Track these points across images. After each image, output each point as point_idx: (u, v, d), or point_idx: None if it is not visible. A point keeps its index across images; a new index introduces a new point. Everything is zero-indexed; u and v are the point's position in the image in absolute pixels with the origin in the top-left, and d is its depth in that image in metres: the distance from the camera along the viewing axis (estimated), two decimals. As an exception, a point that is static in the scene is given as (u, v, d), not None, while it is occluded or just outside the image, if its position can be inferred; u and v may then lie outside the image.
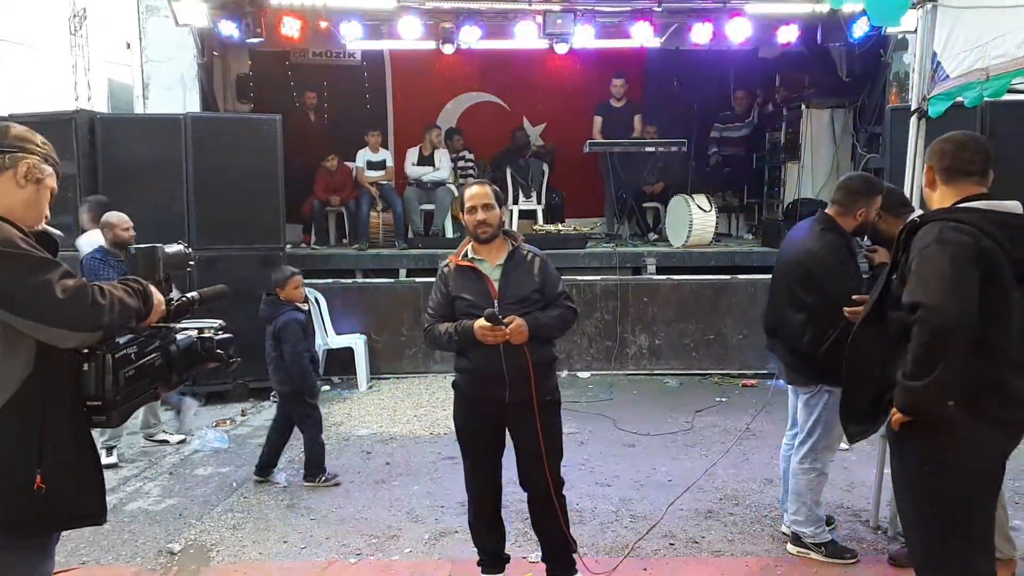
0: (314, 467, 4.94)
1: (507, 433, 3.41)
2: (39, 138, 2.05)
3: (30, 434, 1.86)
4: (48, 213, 2.08)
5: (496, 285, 3.26)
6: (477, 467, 3.46)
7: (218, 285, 2.44)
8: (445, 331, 3.27)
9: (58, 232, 2.53)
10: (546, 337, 3.31)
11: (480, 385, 3.30)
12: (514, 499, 3.79)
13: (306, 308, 4.93)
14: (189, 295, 2.25)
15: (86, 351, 1.93)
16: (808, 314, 3.62)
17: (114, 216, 5.38)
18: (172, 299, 2.17)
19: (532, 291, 3.28)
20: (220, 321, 2.35)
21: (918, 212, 3.62)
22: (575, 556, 3.50)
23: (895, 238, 3.62)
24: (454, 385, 3.45)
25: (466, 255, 3.35)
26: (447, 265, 3.40)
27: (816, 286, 3.57)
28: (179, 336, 2.22)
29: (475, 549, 3.59)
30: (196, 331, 2.27)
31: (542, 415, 3.24)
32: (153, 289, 2.07)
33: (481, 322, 3.12)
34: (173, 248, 2.27)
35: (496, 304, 3.20)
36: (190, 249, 2.36)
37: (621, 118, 9.43)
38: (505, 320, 3.11)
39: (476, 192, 3.29)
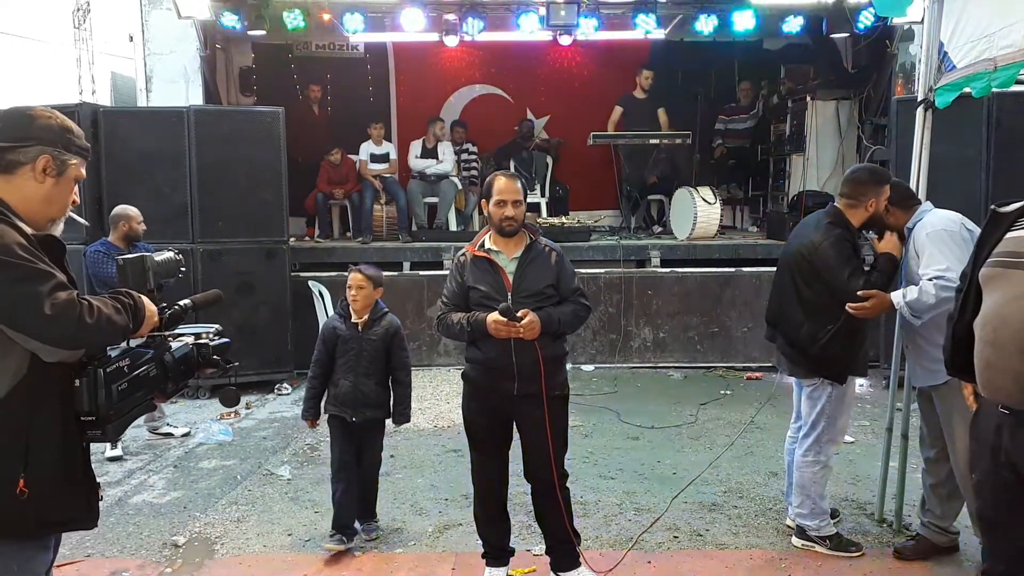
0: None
1: (514, 426, 3.41)
2: (61, 122, 1.97)
3: (17, 437, 1.82)
4: (77, 198, 2.04)
5: (511, 278, 3.26)
6: (484, 459, 3.46)
7: (212, 290, 2.42)
8: (457, 321, 3.27)
9: (84, 221, 2.51)
10: (558, 333, 3.30)
11: (489, 376, 3.30)
12: (518, 491, 3.79)
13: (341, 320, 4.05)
14: (182, 303, 2.22)
15: (77, 366, 1.90)
16: (807, 308, 3.63)
17: (131, 209, 5.36)
18: (164, 307, 2.13)
19: (546, 286, 3.27)
20: (216, 325, 2.32)
21: (927, 204, 3.60)
22: (578, 549, 3.49)
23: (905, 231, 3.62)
24: (464, 376, 3.45)
25: (483, 246, 3.34)
26: (463, 254, 3.39)
27: (817, 280, 3.57)
28: (174, 344, 2.18)
29: (479, 541, 3.60)
30: (192, 337, 2.24)
31: (550, 409, 3.23)
32: (145, 300, 2.02)
33: (494, 315, 3.11)
34: (163, 256, 2.23)
35: (509, 297, 3.20)
36: (180, 256, 2.32)
37: (643, 110, 9.33)
38: (518, 315, 3.10)
39: (506, 186, 3.26)
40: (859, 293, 3.42)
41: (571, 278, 3.36)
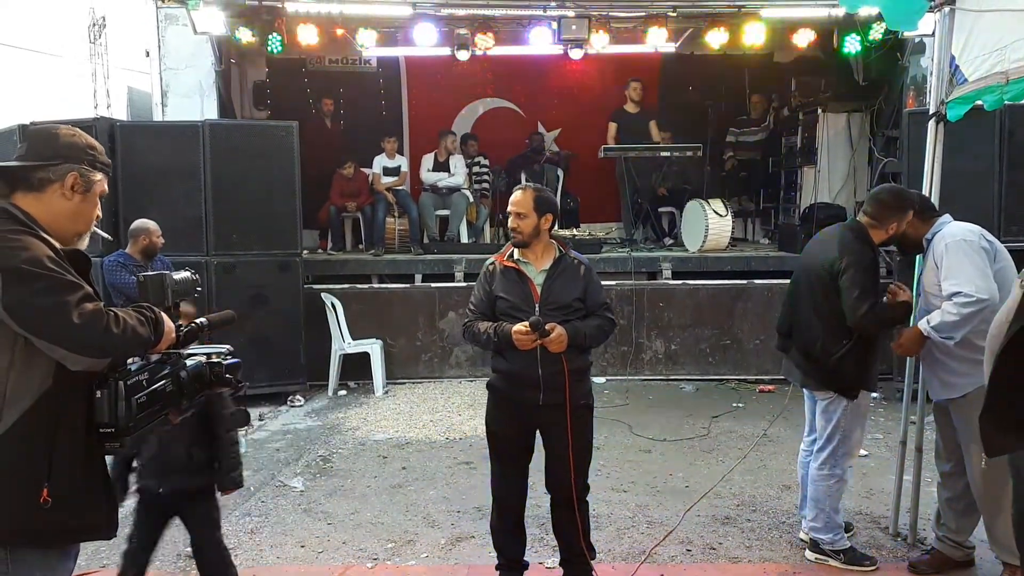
0: None
1: (537, 438, 3.43)
2: (85, 140, 2.04)
3: (42, 447, 1.87)
4: (99, 213, 2.09)
5: (539, 290, 3.28)
6: (505, 470, 3.46)
7: (226, 311, 2.48)
8: (484, 331, 3.29)
9: (107, 235, 2.58)
10: (584, 346, 3.31)
11: (515, 386, 3.32)
12: (531, 503, 3.78)
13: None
14: (198, 320, 2.28)
15: (98, 378, 1.94)
16: (825, 321, 3.62)
17: (151, 223, 5.41)
18: (181, 325, 2.19)
19: (574, 299, 3.28)
20: (228, 346, 2.38)
21: (946, 216, 3.58)
22: (591, 563, 3.49)
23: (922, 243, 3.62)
24: (489, 386, 3.46)
25: (511, 256, 3.37)
26: (492, 263, 3.42)
27: (836, 295, 3.56)
28: (188, 362, 2.24)
29: (492, 554, 3.59)
30: (205, 356, 2.30)
31: (574, 419, 3.24)
32: (164, 316, 2.08)
33: (519, 327, 3.13)
34: (181, 275, 2.29)
35: (537, 308, 3.22)
36: (197, 275, 2.38)
37: (636, 124, 9.41)
38: (547, 328, 3.12)
39: (515, 198, 3.33)
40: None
41: (598, 292, 3.37)
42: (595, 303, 3.34)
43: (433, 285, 7.94)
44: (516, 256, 3.36)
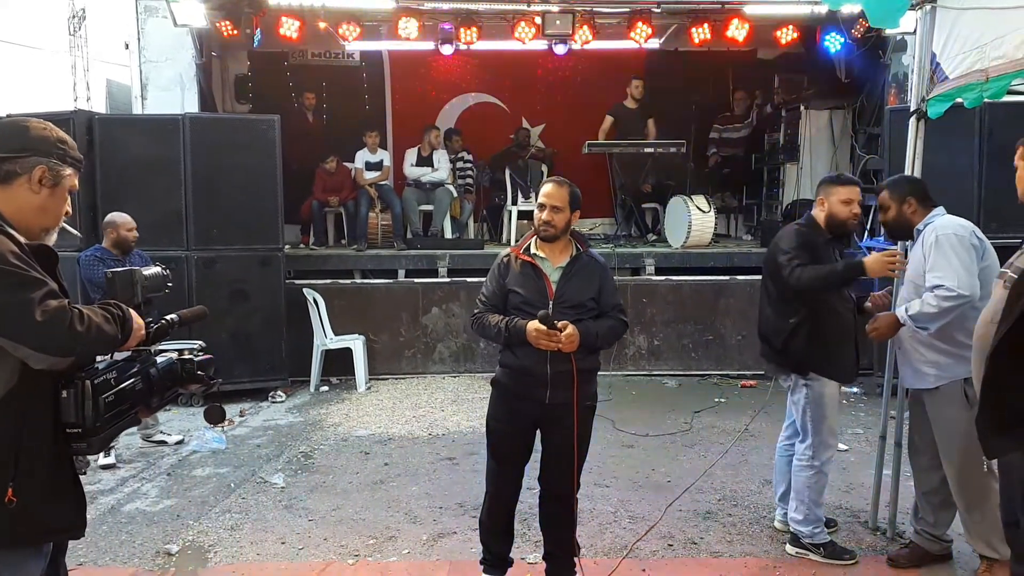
0: None
1: (536, 437, 3.41)
2: (56, 134, 2.00)
3: (6, 445, 1.83)
4: (69, 209, 2.05)
5: (554, 287, 3.23)
6: (503, 468, 3.41)
7: (198, 306, 2.45)
8: (495, 324, 3.23)
9: (77, 232, 2.53)
10: (594, 347, 3.28)
11: (522, 383, 3.26)
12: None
13: None
14: (168, 317, 2.23)
15: (65, 377, 1.89)
16: (773, 302, 3.81)
17: (119, 216, 5.37)
18: (151, 322, 2.14)
19: (588, 298, 3.25)
20: (200, 342, 2.34)
21: (939, 209, 3.58)
22: (576, 559, 3.48)
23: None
24: (494, 381, 3.41)
25: (528, 250, 3.32)
26: (508, 255, 3.36)
27: (777, 275, 3.69)
28: (159, 359, 2.19)
29: (475, 550, 3.58)
30: (176, 353, 2.25)
31: (579, 419, 3.22)
32: (133, 313, 2.04)
33: (535, 324, 3.08)
34: (151, 271, 2.25)
35: (551, 306, 3.17)
36: (167, 271, 2.34)
37: (634, 120, 9.40)
38: (559, 325, 3.08)
39: (549, 191, 3.26)
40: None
41: (612, 293, 3.34)
42: (609, 304, 3.30)
43: (416, 281, 7.91)
44: (533, 250, 3.30)
